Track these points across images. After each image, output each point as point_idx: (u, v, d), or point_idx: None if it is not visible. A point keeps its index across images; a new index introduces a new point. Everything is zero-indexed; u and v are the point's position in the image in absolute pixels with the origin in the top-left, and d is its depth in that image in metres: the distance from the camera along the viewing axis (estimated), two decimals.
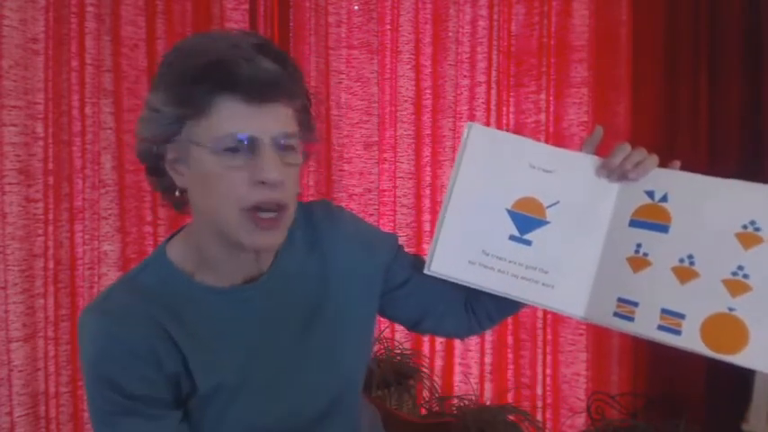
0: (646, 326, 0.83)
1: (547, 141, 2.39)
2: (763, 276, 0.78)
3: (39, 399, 1.98)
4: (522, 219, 0.89)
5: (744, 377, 1.88)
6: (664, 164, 0.88)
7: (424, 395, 2.26)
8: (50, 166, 1.97)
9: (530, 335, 2.38)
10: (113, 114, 2.07)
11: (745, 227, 0.80)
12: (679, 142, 2.24)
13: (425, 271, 0.91)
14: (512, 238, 0.89)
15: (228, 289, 0.85)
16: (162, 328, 0.80)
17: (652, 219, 0.85)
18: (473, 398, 2.30)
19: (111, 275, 2.08)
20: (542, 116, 2.38)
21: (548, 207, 0.89)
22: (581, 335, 2.33)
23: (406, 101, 2.42)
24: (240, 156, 0.75)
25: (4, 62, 1.87)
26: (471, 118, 2.42)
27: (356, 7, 2.41)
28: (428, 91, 2.43)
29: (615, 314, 0.85)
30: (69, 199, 2.03)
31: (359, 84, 2.41)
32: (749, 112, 2.13)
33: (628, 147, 0.88)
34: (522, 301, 0.91)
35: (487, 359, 2.42)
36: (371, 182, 2.44)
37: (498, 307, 0.98)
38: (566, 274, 0.89)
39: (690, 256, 0.82)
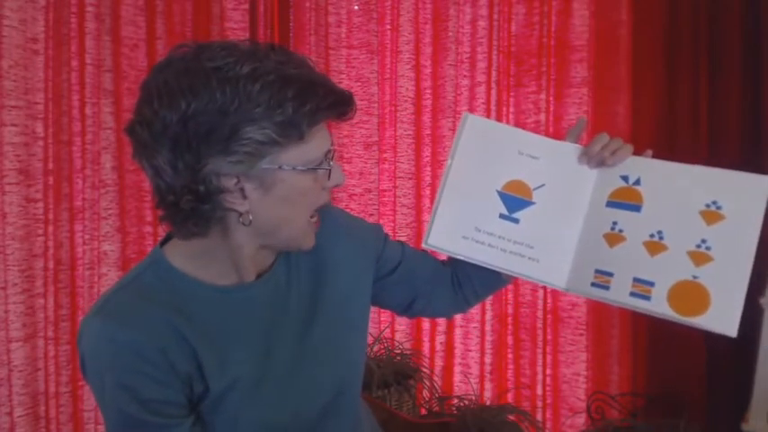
0: (619, 293, 0.92)
1: None
2: (723, 248, 0.88)
3: (39, 399, 1.98)
4: (510, 199, 0.99)
5: (744, 377, 1.88)
6: (656, 157, 0.97)
7: (424, 395, 2.26)
8: (50, 166, 1.97)
9: (530, 335, 2.38)
10: (113, 114, 2.07)
11: (708, 205, 0.90)
12: (679, 142, 2.24)
13: (423, 245, 0.99)
14: (501, 216, 0.98)
15: (231, 287, 0.85)
16: (171, 327, 0.79)
17: (626, 200, 0.95)
18: (473, 398, 2.30)
19: (111, 275, 2.08)
20: (542, 116, 2.38)
21: (534, 189, 0.99)
22: (581, 335, 2.33)
23: (406, 101, 2.42)
24: (322, 169, 0.80)
25: (4, 62, 1.87)
26: None
27: (356, 7, 2.41)
28: (428, 91, 2.43)
29: (593, 284, 0.94)
30: (69, 199, 2.03)
31: (359, 84, 2.41)
32: (749, 112, 2.13)
33: (606, 136, 0.96)
34: (510, 273, 0.99)
35: (487, 359, 2.42)
36: (371, 182, 2.44)
37: (484, 282, 1.05)
38: (549, 249, 0.97)
39: (659, 232, 0.92)
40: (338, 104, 0.79)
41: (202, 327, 0.81)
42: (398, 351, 2.27)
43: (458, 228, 0.98)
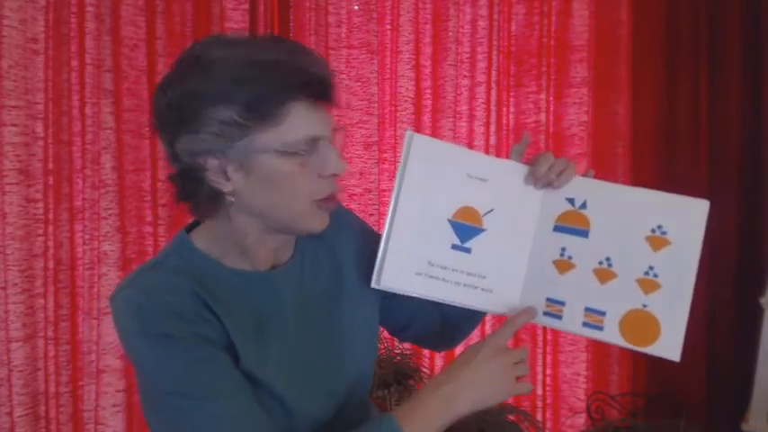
0: (572, 323, 0.91)
1: (547, 141, 2.39)
2: (669, 275, 0.88)
3: (39, 399, 1.98)
4: (462, 228, 0.93)
5: (744, 377, 1.88)
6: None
7: None
8: (50, 166, 1.97)
9: (530, 335, 2.38)
10: (113, 114, 2.07)
11: (653, 230, 0.89)
12: (679, 142, 2.24)
13: (373, 285, 0.91)
14: (454, 246, 0.93)
15: (255, 273, 0.87)
16: (199, 298, 0.80)
17: (574, 224, 0.93)
18: None
19: (111, 275, 2.08)
20: (542, 116, 2.38)
21: (484, 215, 0.94)
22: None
23: (406, 101, 2.42)
24: (308, 154, 0.79)
25: (4, 62, 1.87)
26: (471, 118, 2.42)
27: (356, 7, 2.41)
28: (428, 91, 2.43)
29: (545, 313, 0.93)
30: (69, 199, 2.03)
31: (359, 84, 2.41)
32: (749, 112, 2.13)
33: (551, 156, 0.93)
34: (464, 306, 0.94)
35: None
36: (371, 182, 2.44)
37: (462, 316, 1.01)
38: (501, 278, 0.94)
39: (608, 259, 0.91)
40: (305, 86, 0.77)
41: (227, 305, 0.82)
42: (398, 351, 2.27)
43: (411, 264, 0.92)
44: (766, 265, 1.94)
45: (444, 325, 1.06)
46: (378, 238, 0.94)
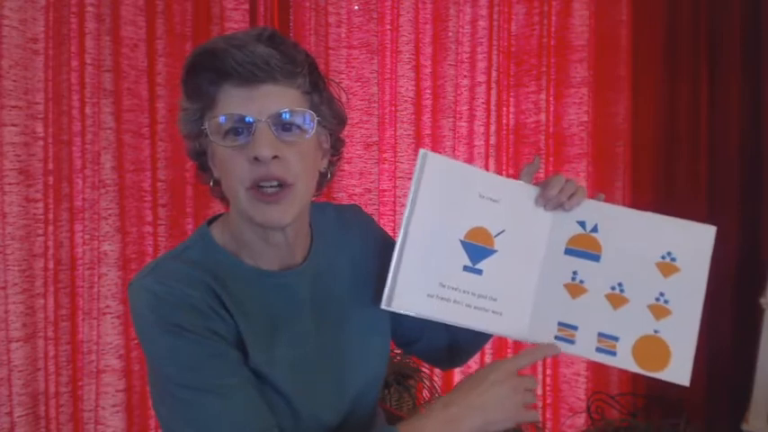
0: (586, 348, 0.92)
1: (547, 141, 2.39)
2: (679, 301, 0.89)
3: (39, 399, 1.98)
4: (474, 249, 0.92)
5: (744, 377, 1.88)
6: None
7: (424, 395, 2.26)
8: (50, 166, 1.97)
9: None
10: (113, 114, 2.07)
11: (663, 257, 0.90)
12: (679, 142, 2.24)
13: (383, 306, 0.89)
14: (465, 268, 0.92)
15: (270, 272, 0.88)
16: (215, 294, 0.81)
17: (585, 248, 0.93)
18: None
19: (111, 275, 2.08)
20: (542, 116, 2.38)
21: (495, 236, 0.93)
22: None
23: (406, 101, 2.42)
24: (241, 138, 0.79)
25: (4, 62, 1.87)
26: (471, 118, 2.42)
27: (356, 7, 2.41)
28: (428, 91, 2.43)
29: (557, 337, 0.92)
30: (69, 199, 2.03)
31: (359, 84, 2.41)
32: (749, 112, 2.13)
33: (562, 178, 0.93)
34: (473, 329, 0.93)
35: (487, 359, 2.42)
36: (371, 182, 2.44)
37: (470, 339, 1.02)
38: (511, 300, 0.93)
39: (620, 284, 0.91)
40: (233, 68, 0.77)
41: (241, 303, 0.83)
42: (398, 351, 2.27)
43: (422, 285, 0.90)
44: (766, 265, 1.94)
45: (452, 345, 1.06)
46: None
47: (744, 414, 1.84)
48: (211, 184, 0.87)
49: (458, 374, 2.44)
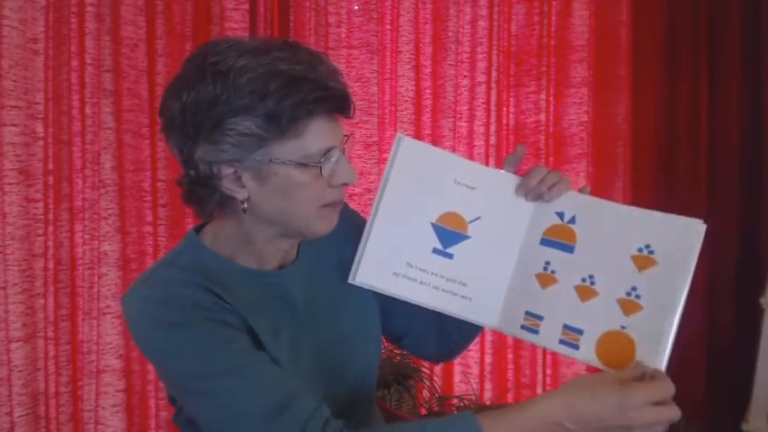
0: (549, 339, 0.90)
1: (547, 141, 2.39)
2: (652, 297, 0.84)
3: (39, 399, 1.98)
4: (445, 232, 0.93)
5: (744, 377, 1.88)
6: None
7: (424, 395, 2.26)
8: (50, 166, 1.96)
9: None
10: (113, 114, 2.06)
11: (640, 250, 0.86)
12: (679, 142, 2.24)
13: (349, 280, 0.92)
14: (435, 251, 0.92)
15: (265, 272, 0.89)
16: (214, 294, 0.81)
17: (560, 239, 0.91)
18: (473, 398, 2.30)
19: (111, 275, 2.07)
20: (542, 116, 2.38)
21: (469, 222, 0.93)
22: None
23: (406, 101, 2.42)
24: (322, 165, 0.81)
25: (4, 62, 1.87)
26: (471, 118, 2.42)
27: (356, 7, 2.41)
28: (428, 91, 2.43)
29: (522, 326, 0.91)
30: (69, 199, 2.03)
31: (359, 84, 2.41)
32: (749, 112, 2.13)
33: (544, 169, 0.92)
34: (440, 311, 0.94)
35: (487, 359, 2.42)
36: (371, 182, 2.44)
37: (459, 332, 1.02)
38: (482, 287, 0.93)
39: (591, 276, 0.88)
40: (326, 101, 0.79)
41: (239, 302, 0.83)
42: (398, 351, 2.27)
43: (388, 263, 0.92)
44: (766, 265, 1.94)
45: (441, 339, 1.06)
46: None
47: (744, 414, 1.84)
48: (244, 208, 0.82)
49: (458, 375, 2.44)
